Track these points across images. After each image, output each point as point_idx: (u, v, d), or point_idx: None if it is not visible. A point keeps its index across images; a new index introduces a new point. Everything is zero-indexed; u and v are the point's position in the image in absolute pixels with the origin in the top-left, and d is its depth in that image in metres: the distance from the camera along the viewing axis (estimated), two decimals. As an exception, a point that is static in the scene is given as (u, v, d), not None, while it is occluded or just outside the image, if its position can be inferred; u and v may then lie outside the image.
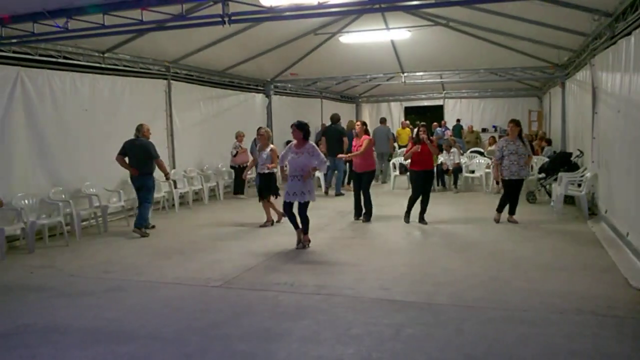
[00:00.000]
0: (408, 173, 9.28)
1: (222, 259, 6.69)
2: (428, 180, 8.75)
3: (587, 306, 4.64)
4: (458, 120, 20.15)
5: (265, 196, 8.62)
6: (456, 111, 20.98)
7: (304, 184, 6.93)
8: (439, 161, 12.40)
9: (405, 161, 9.38)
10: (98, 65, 9.40)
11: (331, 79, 15.73)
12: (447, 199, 11.36)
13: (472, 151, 15.04)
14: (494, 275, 5.69)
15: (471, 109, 20.89)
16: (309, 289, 5.35)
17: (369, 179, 9.07)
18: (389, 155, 15.01)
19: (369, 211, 9.02)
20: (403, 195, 11.92)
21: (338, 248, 7.21)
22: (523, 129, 9.33)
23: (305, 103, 17.90)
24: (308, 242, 7.18)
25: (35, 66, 8.32)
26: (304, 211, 7.05)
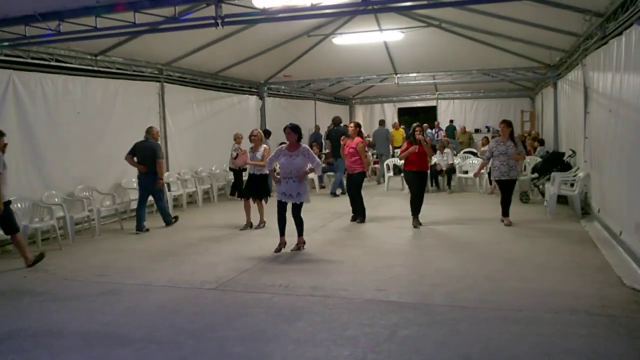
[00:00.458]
0: (402, 174, 9.30)
1: (217, 261, 6.67)
2: (422, 180, 8.77)
3: (581, 305, 4.66)
4: (451, 121, 20.22)
5: (260, 198, 8.62)
6: (449, 112, 21.04)
7: (299, 185, 6.93)
8: (433, 162, 12.44)
9: (400, 160, 9.41)
10: (91, 68, 9.35)
11: (324, 81, 15.74)
12: (441, 200, 11.39)
13: (466, 152, 15.11)
14: (489, 275, 5.71)
15: (464, 110, 20.93)
16: (304, 291, 5.34)
17: (358, 180, 9.08)
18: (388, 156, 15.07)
19: (362, 212, 9.04)
20: (397, 196, 12.02)
21: (333, 249, 7.20)
22: (515, 130, 9.43)
23: (298, 105, 17.90)
24: (303, 244, 7.16)
25: (27, 69, 8.28)
26: (298, 212, 7.04)
